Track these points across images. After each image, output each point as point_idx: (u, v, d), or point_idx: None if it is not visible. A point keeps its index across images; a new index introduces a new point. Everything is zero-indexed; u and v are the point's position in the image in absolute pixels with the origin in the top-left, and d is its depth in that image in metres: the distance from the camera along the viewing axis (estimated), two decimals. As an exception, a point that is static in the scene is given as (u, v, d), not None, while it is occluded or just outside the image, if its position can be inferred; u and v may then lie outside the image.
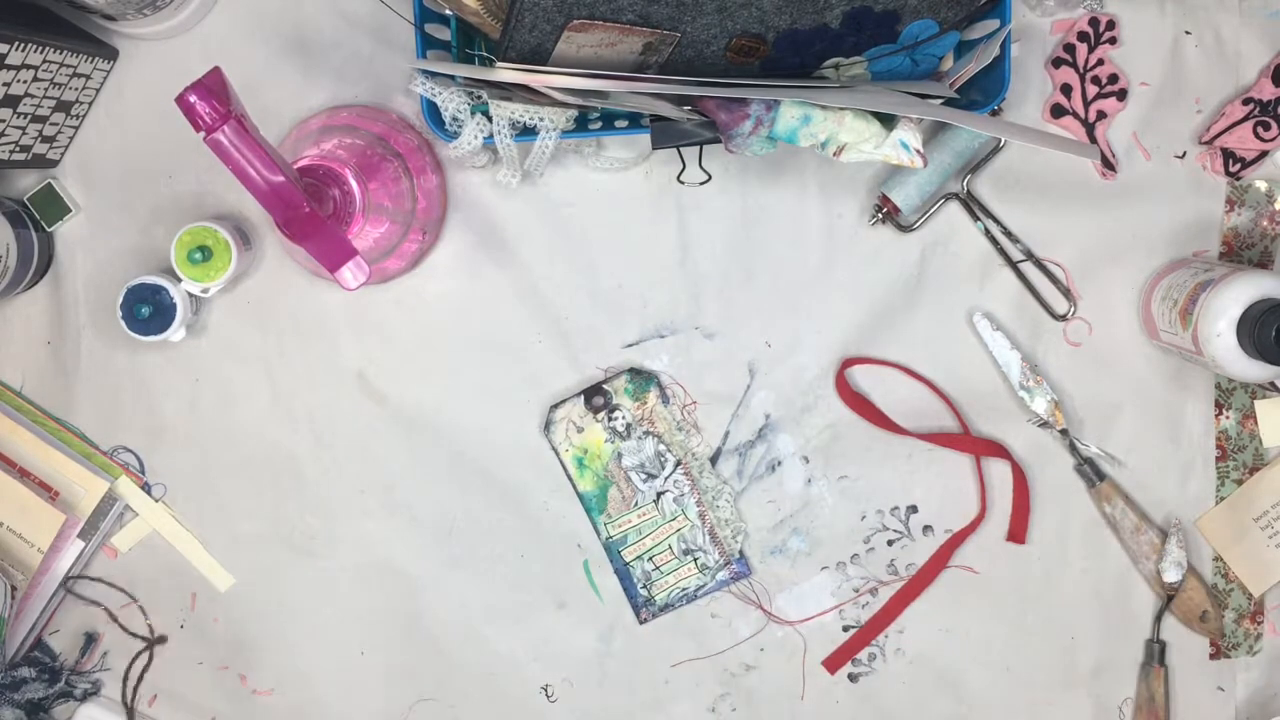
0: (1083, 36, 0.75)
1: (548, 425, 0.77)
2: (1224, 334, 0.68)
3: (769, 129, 0.65)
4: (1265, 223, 0.77)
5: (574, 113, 0.67)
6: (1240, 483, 0.77)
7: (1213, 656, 0.78)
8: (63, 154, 0.76)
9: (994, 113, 0.72)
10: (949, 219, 0.77)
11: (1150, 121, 0.76)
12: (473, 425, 0.77)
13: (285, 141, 0.74)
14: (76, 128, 0.76)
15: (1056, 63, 0.76)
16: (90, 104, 0.76)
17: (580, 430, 0.77)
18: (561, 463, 0.77)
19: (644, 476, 0.77)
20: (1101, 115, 0.76)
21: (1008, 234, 0.76)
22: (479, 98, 0.66)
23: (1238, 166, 0.76)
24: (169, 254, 0.72)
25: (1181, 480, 0.78)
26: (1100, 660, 0.78)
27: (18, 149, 0.71)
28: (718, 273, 0.77)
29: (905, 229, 0.76)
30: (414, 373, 0.77)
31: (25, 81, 0.68)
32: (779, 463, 0.78)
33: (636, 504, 0.77)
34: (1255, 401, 0.77)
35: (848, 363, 0.76)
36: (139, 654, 0.79)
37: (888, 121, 0.66)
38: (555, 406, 0.76)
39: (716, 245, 0.77)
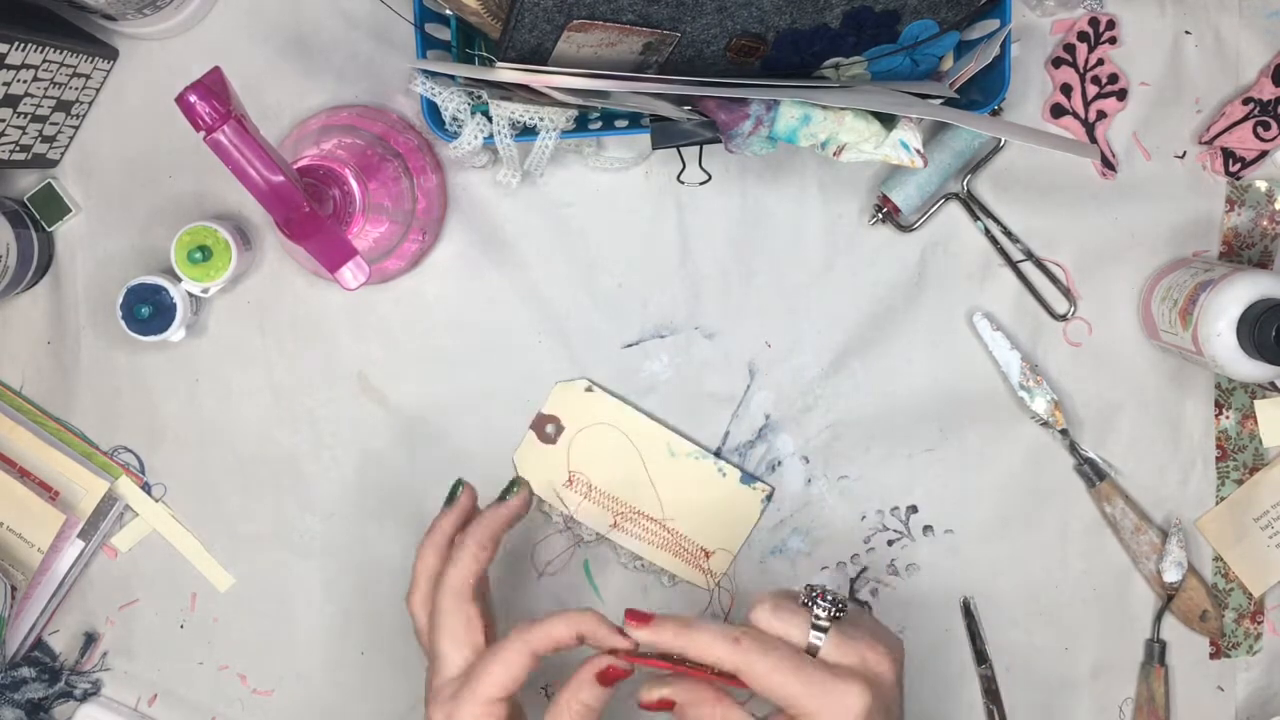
0: (1083, 36, 0.75)
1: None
2: (1224, 334, 0.68)
3: (769, 129, 0.65)
4: (1265, 223, 0.77)
5: (574, 113, 0.67)
6: (1240, 483, 0.77)
7: (1213, 656, 0.78)
8: (63, 154, 0.76)
9: (994, 113, 0.72)
10: (949, 219, 0.77)
11: (1150, 121, 0.76)
12: (473, 425, 0.77)
13: (285, 141, 0.74)
14: (76, 128, 0.76)
15: (1056, 63, 0.76)
16: (90, 104, 0.76)
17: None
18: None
19: (644, 476, 0.77)
20: (1101, 115, 0.76)
21: (1008, 234, 0.76)
22: (479, 98, 0.66)
23: (1238, 166, 0.76)
24: (169, 254, 0.72)
25: (1181, 480, 0.78)
26: (1100, 660, 0.78)
27: (18, 149, 0.71)
28: (718, 273, 0.77)
29: (905, 229, 0.76)
30: (414, 373, 0.77)
31: (25, 81, 0.68)
32: (779, 463, 0.78)
33: (636, 504, 0.77)
34: (1255, 401, 0.77)
35: None
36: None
37: (888, 121, 0.66)
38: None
39: (716, 245, 0.77)
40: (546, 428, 0.76)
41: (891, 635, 0.61)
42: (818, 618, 0.59)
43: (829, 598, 0.59)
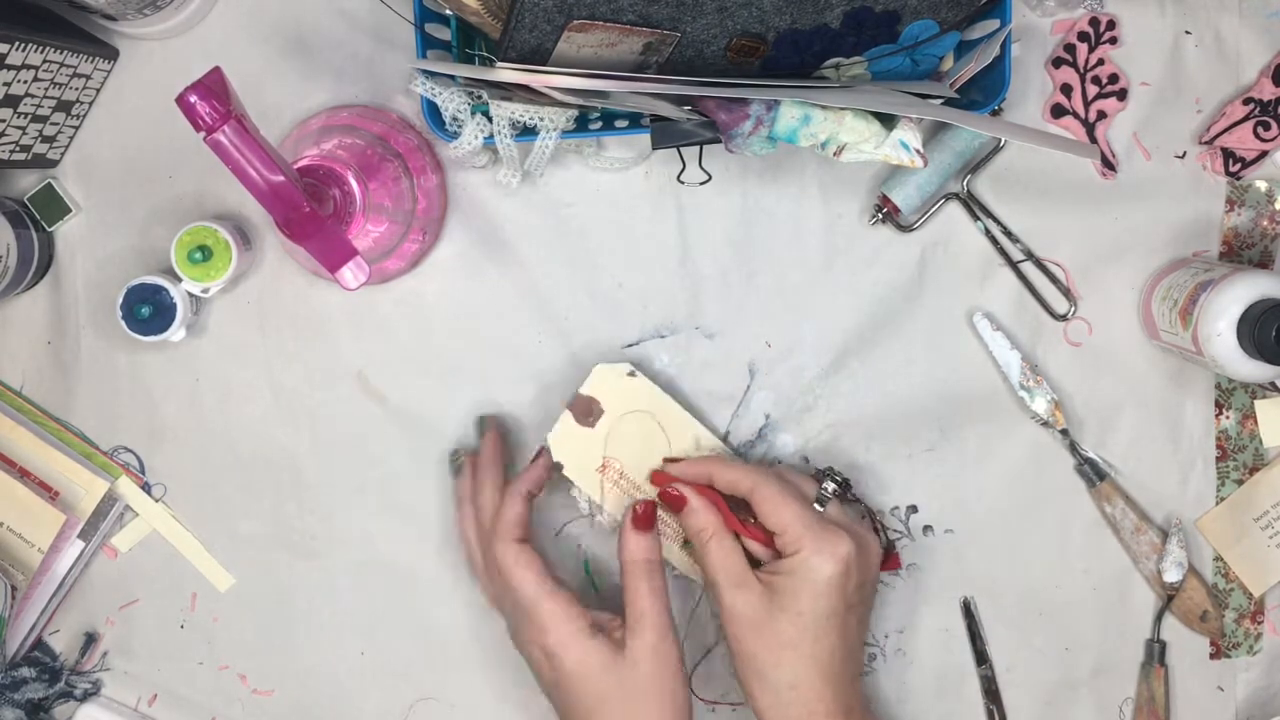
0: (1083, 36, 0.75)
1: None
2: (1224, 334, 0.68)
3: (769, 129, 0.65)
4: (1265, 223, 0.77)
5: (574, 113, 0.67)
6: (1240, 483, 0.77)
7: (1213, 656, 0.78)
8: (63, 154, 0.76)
9: (994, 113, 0.72)
10: (949, 219, 0.77)
11: (1150, 121, 0.76)
12: (472, 425, 0.77)
13: (285, 141, 0.74)
14: (76, 128, 0.76)
15: (1056, 63, 0.76)
16: (90, 104, 0.76)
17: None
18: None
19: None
20: (1101, 115, 0.76)
21: (1008, 234, 0.76)
22: (479, 98, 0.66)
23: (1238, 166, 0.76)
24: (169, 254, 0.72)
25: (1181, 480, 0.78)
26: (1100, 660, 0.78)
27: (18, 149, 0.71)
28: (718, 273, 0.77)
29: (905, 229, 0.76)
30: (414, 372, 0.77)
31: (25, 81, 0.68)
32: (779, 463, 0.78)
33: (636, 504, 0.77)
34: (1255, 401, 0.77)
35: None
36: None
37: (888, 121, 0.66)
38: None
39: (716, 245, 0.77)
40: (586, 410, 0.73)
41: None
42: (824, 489, 0.70)
43: (837, 478, 0.70)
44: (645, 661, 0.66)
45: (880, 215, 0.76)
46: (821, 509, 0.69)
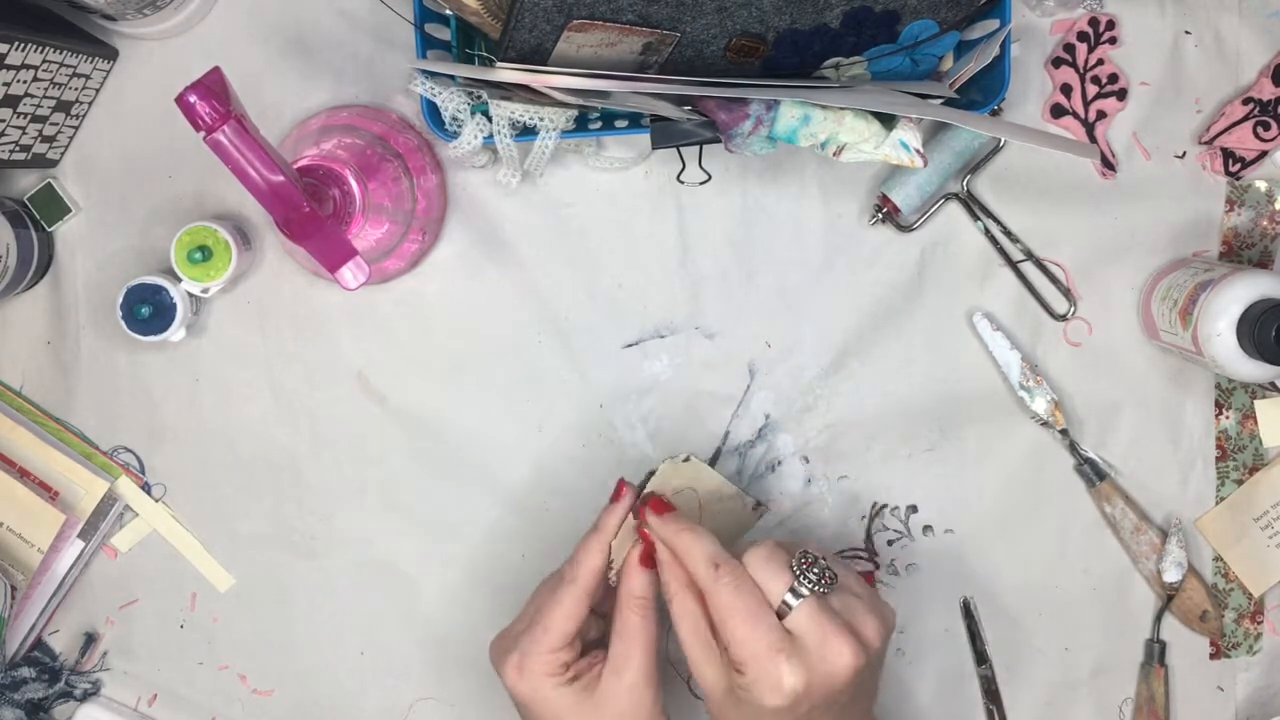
0: (1083, 36, 0.75)
1: None
2: (1224, 334, 0.68)
3: (769, 129, 0.65)
4: (1265, 223, 0.77)
5: (574, 113, 0.67)
6: (1240, 483, 0.77)
7: (1213, 656, 0.78)
8: (63, 154, 0.76)
9: (994, 113, 0.72)
10: (949, 219, 0.77)
11: (1150, 121, 0.76)
12: (473, 425, 0.77)
13: (285, 141, 0.74)
14: (76, 128, 0.76)
15: (1056, 63, 0.76)
16: (90, 104, 0.76)
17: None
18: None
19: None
20: (1101, 115, 0.76)
21: (1008, 234, 0.76)
22: (479, 98, 0.66)
23: (1238, 166, 0.76)
24: (169, 254, 0.72)
25: (1181, 480, 0.78)
26: (1100, 660, 0.78)
27: (18, 149, 0.71)
28: (718, 273, 0.77)
29: (905, 229, 0.76)
30: (414, 373, 0.77)
31: (25, 81, 0.68)
32: (779, 463, 0.78)
33: (636, 504, 0.77)
34: (1255, 401, 0.77)
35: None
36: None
37: (888, 121, 0.66)
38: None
39: (716, 245, 0.77)
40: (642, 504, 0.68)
41: (869, 626, 0.61)
42: (798, 584, 0.60)
43: (816, 571, 0.61)
44: (620, 701, 0.64)
45: (880, 215, 0.76)
46: (792, 608, 0.60)
